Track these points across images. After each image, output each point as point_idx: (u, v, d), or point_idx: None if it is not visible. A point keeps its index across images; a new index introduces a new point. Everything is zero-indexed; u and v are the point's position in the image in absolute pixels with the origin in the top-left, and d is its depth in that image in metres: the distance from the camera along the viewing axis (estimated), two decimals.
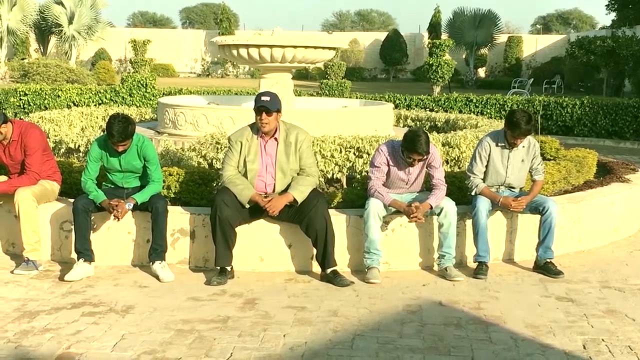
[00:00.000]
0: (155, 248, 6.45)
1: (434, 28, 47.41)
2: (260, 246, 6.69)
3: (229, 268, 6.39)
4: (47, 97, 18.39)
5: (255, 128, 6.47)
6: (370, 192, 6.63)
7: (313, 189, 6.46)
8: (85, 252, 6.40)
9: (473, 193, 6.92)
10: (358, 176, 8.07)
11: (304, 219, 6.36)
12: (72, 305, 5.69)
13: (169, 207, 6.71)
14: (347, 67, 25.47)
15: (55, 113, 10.66)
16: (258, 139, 6.46)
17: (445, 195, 6.66)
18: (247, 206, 6.35)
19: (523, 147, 6.94)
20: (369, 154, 8.11)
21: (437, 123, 12.18)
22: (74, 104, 18.47)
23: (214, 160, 7.99)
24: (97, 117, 11.14)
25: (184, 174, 7.21)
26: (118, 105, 18.57)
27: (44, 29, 40.19)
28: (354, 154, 8.16)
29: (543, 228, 6.82)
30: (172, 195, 7.21)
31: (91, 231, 6.50)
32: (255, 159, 6.43)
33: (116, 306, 5.68)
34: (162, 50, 48.59)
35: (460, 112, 18.78)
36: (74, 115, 10.76)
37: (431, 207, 6.55)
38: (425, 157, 6.52)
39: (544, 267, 6.77)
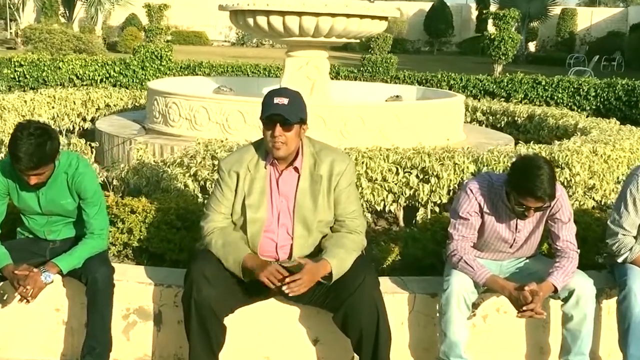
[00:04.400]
0: (91, 346, 3.89)
1: None
2: (267, 341, 4.12)
3: None
4: (45, 68, 15.83)
5: (263, 150, 3.82)
6: (453, 260, 3.98)
7: (358, 257, 3.82)
8: None
9: (621, 260, 4.21)
10: (421, 210, 5.43)
11: (341, 307, 3.72)
12: None
13: (123, 268, 4.16)
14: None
15: (14, 97, 8.07)
16: (267, 169, 3.83)
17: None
18: (246, 279, 3.74)
19: None
20: (438, 178, 5.47)
21: (516, 119, 9.40)
22: (77, 77, 15.97)
23: (208, 183, 5.39)
24: (73, 103, 8.56)
25: (153, 211, 4.63)
26: (128, 81, 16.11)
27: None
28: (417, 176, 5.51)
29: None
30: (135, 244, 4.64)
31: None
32: (261, 202, 3.80)
33: None
34: (196, 17, 46.30)
35: (526, 95, 16.01)
36: (39, 100, 8.18)
37: (556, 290, 3.87)
38: (547, 204, 3.83)
39: None
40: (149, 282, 4.17)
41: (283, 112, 3.63)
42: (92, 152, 6.06)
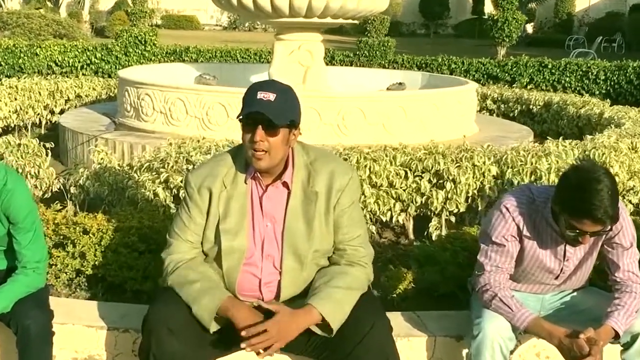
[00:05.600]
0: None
1: None
2: None
3: None
4: (22, 55, 14.90)
5: (243, 160, 2.96)
6: (484, 297, 3.13)
7: (363, 294, 2.96)
8: None
9: None
10: (434, 220, 4.60)
11: None
12: None
13: (69, 305, 3.33)
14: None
15: None
16: (248, 184, 2.97)
17: None
18: (213, 329, 2.89)
19: None
20: (455, 183, 4.60)
21: (531, 107, 8.55)
22: (56, 64, 15.06)
23: (181, 191, 4.53)
24: (39, 94, 7.68)
25: (110, 231, 3.77)
26: (111, 68, 15.20)
27: None
28: (430, 181, 4.65)
29: None
30: (90, 271, 3.79)
31: None
32: (240, 226, 2.94)
33: None
34: (186, 1, 45.38)
35: (532, 79, 15.19)
36: None
37: (617, 336, 3.03)
38: (608, 228, 2.98)
39: None
40: (100, 325, 3.33)
41: (267, 111, 2.77)
42: (47, 154, 5.20)
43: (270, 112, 2.77)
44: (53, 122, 8.44)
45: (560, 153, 4.87)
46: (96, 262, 3.79)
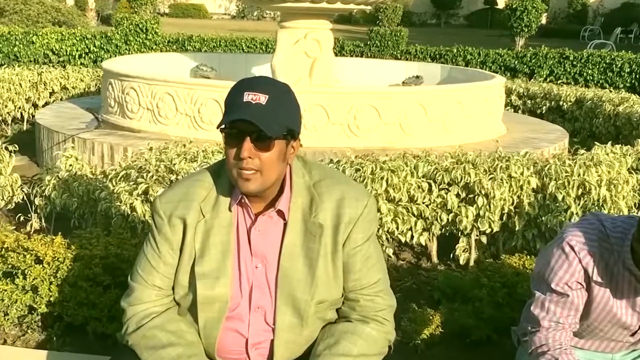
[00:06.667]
0: None
1: None
2: None
3: None
4: (17, 43, 14.39)
5: (226, 180, 2.23)
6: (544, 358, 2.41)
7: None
8: None
9: None
10: (462, 240, 3.88)
11: None
12: None
13: (7, 354, 2.72)
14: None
15: None
16: (233, 212, 2.24)
17: None
18: None
19: None
20: (488, 197, 3.86)
21: (561, 103, 7.82)
22: (53, 53, 14.52)
23: None
24: (20, 85, 7.00)
25: (69, 259, 3.07)
26: (110, 57, 14.48)
27: None
28: (458, 195, 3.92)
29: None
30: (44, 309, 3.09)
31: None
32: (221, 269, 2.21)
33: None
34: None
35: (552, 72, 14.57)
36: None
37: None
38: None
39: None
40: None
41: (257, 119, 2.04)
42: (10, 156, 4.48)
43: (261, 120, 2.03)
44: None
45: (611, 162, 4.13)
46: (51, 298, 3.09)
